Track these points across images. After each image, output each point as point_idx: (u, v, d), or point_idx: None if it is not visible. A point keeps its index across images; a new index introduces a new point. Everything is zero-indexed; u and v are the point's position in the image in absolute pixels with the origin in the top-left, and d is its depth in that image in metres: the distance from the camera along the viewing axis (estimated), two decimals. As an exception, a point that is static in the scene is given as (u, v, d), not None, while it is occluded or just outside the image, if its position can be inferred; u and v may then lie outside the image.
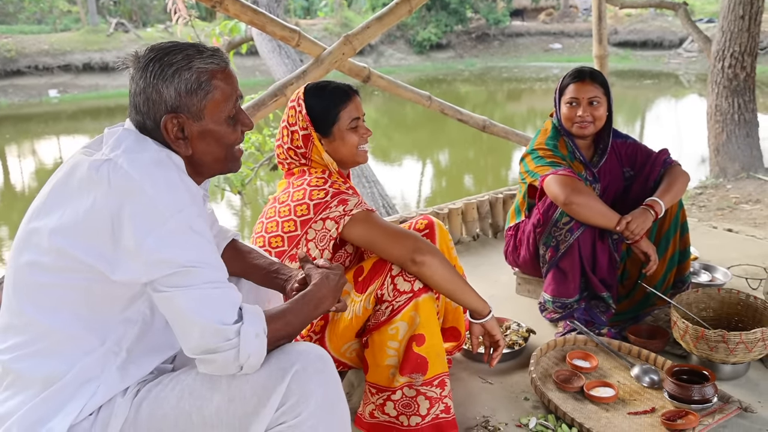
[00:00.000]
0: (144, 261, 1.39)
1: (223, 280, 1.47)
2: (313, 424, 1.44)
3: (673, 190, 2.80)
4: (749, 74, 7.50)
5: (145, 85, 1.51)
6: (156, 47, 1.54)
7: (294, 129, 2.26)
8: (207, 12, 21.51)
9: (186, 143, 1.54)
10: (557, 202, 2.71)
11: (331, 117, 2.24)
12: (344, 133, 2.25)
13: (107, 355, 1.51)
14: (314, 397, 1.45)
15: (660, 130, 14.50)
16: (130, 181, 1.40)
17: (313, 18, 29.29)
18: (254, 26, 3.49)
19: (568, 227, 2.73)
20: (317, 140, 2.23)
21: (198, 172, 1.62)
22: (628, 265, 2.97)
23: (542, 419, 2.32)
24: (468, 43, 28.92)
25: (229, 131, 1.59)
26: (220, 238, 1.95)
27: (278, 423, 1.44)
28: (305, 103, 2.25)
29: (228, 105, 1.57)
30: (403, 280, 2.10)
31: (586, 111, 2.85)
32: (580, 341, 2.75)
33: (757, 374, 2.57)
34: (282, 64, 6.60)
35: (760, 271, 3.40)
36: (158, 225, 1.38)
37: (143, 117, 1.53)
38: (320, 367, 1.49)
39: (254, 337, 1.43)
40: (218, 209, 8.91)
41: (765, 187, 6.81)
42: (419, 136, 15.15)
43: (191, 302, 1.40)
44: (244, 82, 11.98)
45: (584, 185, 2.74)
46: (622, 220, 2.67)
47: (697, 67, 22.10)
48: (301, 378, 1.45)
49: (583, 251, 2.74)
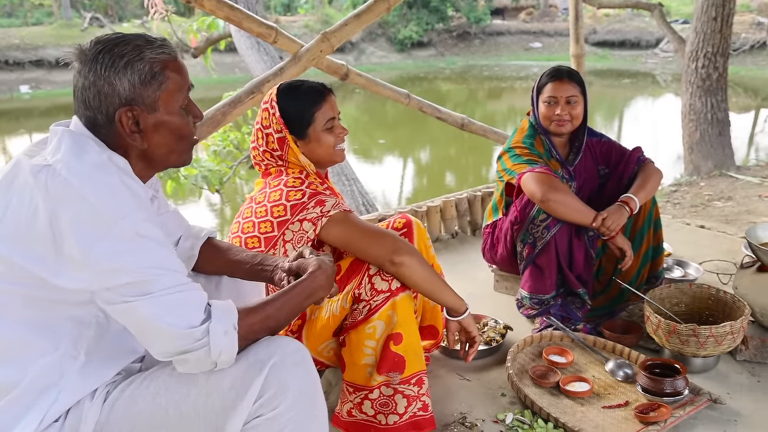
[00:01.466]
0: (92, 271, 1.35)
1: (183, 281, 1.43)
2: (291, 416, 1.44)
3: (646, 187, 2.85)
4: (721, 74, 7.61)
5: (96, 78, 1.45)
6: (102, 39, 1.49)
7: (268, 132, 2.25)
8: (185, 8, 21.36)
9: (141, 136, 1.51)
10: (534, 199, 2.74)
11: (306, 119, 2.22)
12: (320, 134, 2.24)
13: (64, 360, 1.48)
14: (292, 390, 1.45)
15: (637, 128, 14.62)
16: (69, 188, 1.36)
17: (294, 15, 29.19)
18: (230, 22, 3.47)
19: (544, 224, 2.77)
20: (292, 143, 2.22)
21: (151, 165, 1.58)
22: (604, 261, 3.01)
23: (519, 415, 2.35)
24: (449, 42, 28.96)
25: (183, 122, 1.56)
26: (194, 237, 1.92)
27: (256, 415, 1.44)
28: (278, 105, 2.23)
29: (181, 95, 1.55)
30: (381, 279, 2.10)
31: (564, 109, 2.89)
32: (557, 337, 2.79)
33: (726, 367, 2.62)
34: (261, 61, 6.58)
35: (730, 267, 3.45)
36: (102, 233, 1.34)
37: (94, 112, 1.48)
38: (298, 359, 1.49)
39: (223, 334, 1.41)
40: (197, 208, 8.88)
41: (736, 185, 6.90)
42: (400, 134, 15.15)
43: (154, 311, 1.37)
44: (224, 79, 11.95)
45: (561, 182, 2.78)
46: (598, 217, 2.71)
47: (673, 67, 22.31)
48: (279, 370, 1.44)
49: (559, 248, 2.78)
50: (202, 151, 6.13)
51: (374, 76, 4.34)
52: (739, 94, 17.46)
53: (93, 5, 27.09)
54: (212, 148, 6.02)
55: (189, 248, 1.90)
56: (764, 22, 22.27)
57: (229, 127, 6.01)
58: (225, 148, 6.11)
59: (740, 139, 10.47)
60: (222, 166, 6.02)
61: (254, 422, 1.44)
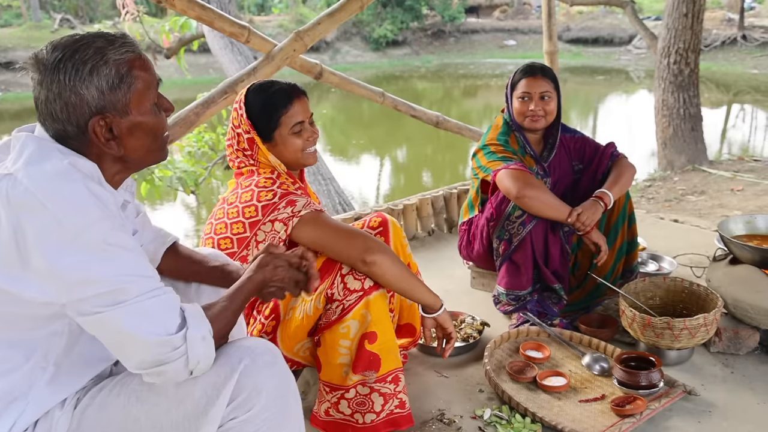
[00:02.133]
0: (61, 283, 1.31)
1: (157, 286, 1.38)
2: (266, 416, 1.44)
3: (620, 182, 2.87)
4: (693, 70, 7.69)
5: (61, 90, 1.38)
6: (60, 45, 1.40)
7: (239, 131, 2.25)
8: (157, 8, 21.19)
9: (117, 143, 1.44)
10: (509, 196, 2.75)
11: (272, 123, 2.21)
12: (286, 138, 2.22)
13: (34, 371, 1.45)
14: (265, 390, 1.43)
15: (612, 124, 14.75)
16: (31, 198, 1.30)
17: (268, 14, 29.06)
18: (202, 22, 3.45)
19: (520, 221, 2.78)
20: (260, 144, 2.22)
21: (127, 168, 1.53)
22: (579, 256, 3.03)
23: (496, 410, 2.36)
24: (424, 40, 28.98)
25: (157, 120, 1.51)
26: (159, 242, 1.89)
27: (230, 418, 1.43)
28: (246, 106, 2.23)
29: (151, 93, 1.49)
30: (354, 278, 2.10)
31: (538, 105, 2.90)
32: (533, 332, 2.80)
33: (700, 359, 2.65)
34: (235, 61, 6.53)
35: (703, 260, 3.49)
36: (67, 244, 1.30)
37: (63, 124, 1.41)
38: (269, 360, 1.47)
39: (201, 340, 1.38)
40: (172, 210, 8.81)
41: (709, 179, 6.99)
42: (376, 132, 15.14)
43: (129, 319, 1.32)
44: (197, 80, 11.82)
45: (536, 179, 2.79)
46: (573, 212, 2.73)
47: (646, 63, 22.51)
48: (251, 372, 1.43)
49: (535, 244, 2.79)
50: (177, 152, 6.08)
51: (350, 75, 4.34)
52: (711, 90, 17.66)
53: (63, 6, 26.76)
54: (187, 149, 5.97)
55: (152, 252, 1.86)
56: (734, 19, 22.53)
57: (204, 127, 5.98)
58: (200, 149, 6.07)
59: (713, 134, 10.60)
60: (197, 167, 5.98)
61: (229, 425, 1.43)
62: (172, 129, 3.36)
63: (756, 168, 7.30)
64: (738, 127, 13.92)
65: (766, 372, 2.56)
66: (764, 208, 5.64)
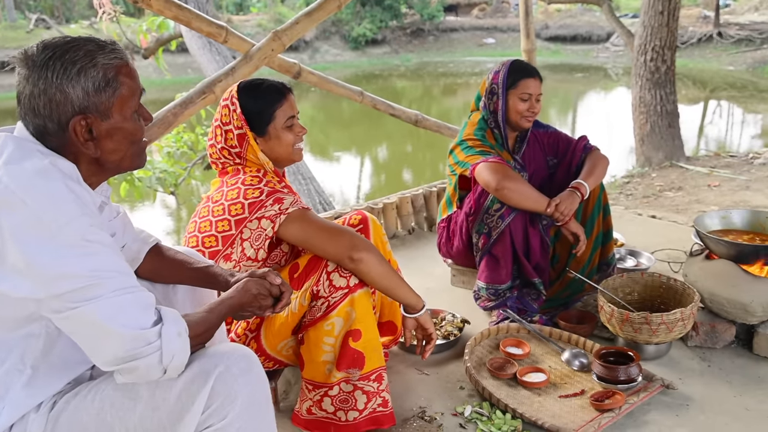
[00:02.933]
0: (38, 279, 1.31)
1: (133, 284, 1.40)
2: (240, 425, 1.43)
3: (595, 172, 2.93)
4: (669, 67, 7.77)
5: (46, 86, 1.40)
6: (51, 44, 1.43)
7: (228, 128, 2.24)
8: (134, 8, 21.02)
9: (95, 144, 1.46)
10: (489, 188, 2.77)
11: (267, 116, 2.22)
12: (280, 132, 2.24)
13: (10, 374, 1.45)
14: (240, 398, 1.43)
15: (590, 121, 14.85)
16: (10, 195, 1.32)
17: (246, 14, 28.94)
18: (179, 22, 3.43)
19: (499, 213, 2.80)
20: (252, 139, 2.22)
21: (103, 171, 1.54)
22: (558, 248, 3.06)
23: (477, 407, 2.37)
24: (403, 39, 28.98)
25: (136, 127, 1.53)
26: (142, 242, 1.89)
27: (205, 426, 1.42)
28: (239, 102, 2.23)
29: (134, 100, 1.51)
30: (339, 275, 2.10)
31: (534, 106, 2.98)
32: (513, 329, 2.82)
33: (678, 353, 2.68)
34: (213, 61, 6.50)
35: (681, 255, 3.53)
36: (45, 240, 1.31)
37: (44, 120, 1.42)
38: (245, 367, 1.47)
39: (177, 335, 1.39)
40: (152, 211, 8.76)
41: (686, 175, 7.06)
42: (356, 132, 15.14)
43: (104, 312, 1.33)
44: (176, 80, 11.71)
45: (514, 171, 2.82)
46: (551, 203, 2.76)
47: (624, 61, 22.67)
48: (226, 379, 1.43)
49: (515, 237, 2.81)
50: (156, 152, 6.05)
51: (329, 74, 4.34)
52: (687, 87, 17.84)
53: (39, 6, 26.46)
54: (166, 149, 5.94)
55: (135, 251, 1.86)
56: (710, 16, 22.76)
57: (183, 128, 5.94)
58: (179, 150, 6.03)
59: (690, 131, 10.72)
60: (176, 168, 5.95)
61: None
62: (150, 130, 3.34)
63: (732, 164, 7.38)
64: (714, 123, 14.08)
65: (742, 365, 2.60)
66: (740, 203, 5.71)
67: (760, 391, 2.43)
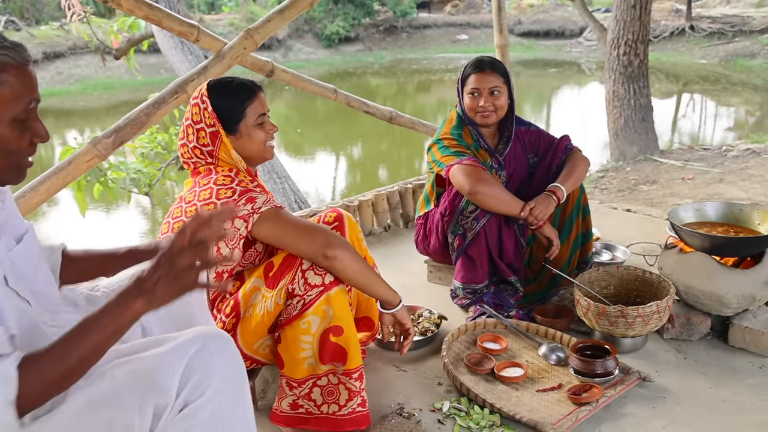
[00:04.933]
0: None
1: None
2: (220, 400, 1.41)
3: (573, 175, 2.90)
4: (642, 61, 7.84)
5: None
6: None
7: (200, 127, 2.22)
8: (105, 9, 20.80)
9: None
10: (462, 191, 2.76)
11: (238, 114, 2.21)
12: (251, 129, 2.23)
13: None
14: (217, 374, 1.41)
15: (565, 116, 14.94)
16: None
17: (218, 13, 28.72)
18: (150, 22, 3.39)
19: (474, 215, 2.80)
20: (225, 137, 2.20)
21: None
22: (535, 249, 3.05)
23: (455, 402, 2.37)
24: (376, 36, 28.97)
25: (12, 135, 1.37)
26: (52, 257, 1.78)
27: (184, 404, 1.39)
28: (209, 100, 2.21)
29: (16, 106, 1.37)
30: (314, 273, 2.10)
31: (488, 101, 2.90)
32: (490, 324, 2.82)
33: (654, 345, 2.70)
34: (185, 60, 6.45)
35: (656, 248, 3.55)
36: None
37: None
38: (221, 344, 1.45)
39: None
40: (126, 212, 8.68)
41: (661, 169, 7.12)
42: (331, 130, 15.11)
43: None
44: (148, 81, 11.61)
45: (488, 174, 2.80)
46: (526, 207, 2.75)
47: (597, 55, 22.84)
48: (203, 356, 1.41)
49: (489, 238, 2.81)
50: (130, 153, 5.98)
51: (303, 72, 4.31)
52: (661, 80, 18.01)
53: (7, 8, 26.07)
54: (139, 150, 5.88)
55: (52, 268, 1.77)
56: (682, 9, 22.97)
57: (156, 128, 5.88)
58: (152, 150, 5.97)
59: (663, 124, 10.82)
60: (150, 168, 5.89)
61: (185, 411, 1.39)
62: (123, 130, 3.31)
63: (706, 156, 7.47)
64: (688, 116, 14.24)
65: (718, 357, 2.62)
66: (714, 195, 5.77)
67: (736, 382, 2.45)
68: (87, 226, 7.58)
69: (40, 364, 1.29)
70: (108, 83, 19.33)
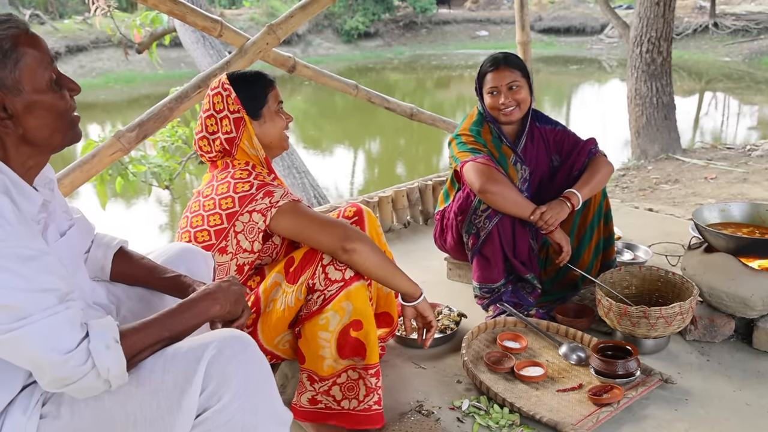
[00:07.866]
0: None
1: (54, 303, 1.32)
2: (239, 405, 1.41)
3: (593, 181, 2.83)
4: (665, 59, 7.75)
5: None
6: None
7: (222, 115, 2.23)
8: (128, 3, 20.93)
9: (14, 122, 1.39)
10: (473, 189, 2.75)
11: (261, 99, 2.25)
12: (273, 115, 2.28)
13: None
14: (235, 379, 1.41)
15: (585, 114, 14.84)
16: None
17: (239, 8, 28.78)
18: (174, 17, 3.41)
19: (486, 214, 2.78)
20: (249, 123, 2.23)
21: (37, 151, 1.47)
22: (551, 252, 3.01)
23: (474, 401, 2.36)
24: (396, 32, 28.90)
25: (56, 98, 1.44)
26: (105, 246, 1.84)
27: (203, 410, 1.41)
28: (232, 87, 2.24)
29: (45, 70, 1.42)
30: (335, 268, 2.09)
31: (508, 97, 2.86)
32: (510, 323, 2.81)
33: (676, 347, 2.67)
34: (207, 55, 6.46)
35: (678, 248, 3.52)
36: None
37: None
38: (238, 348, 1.45)
39: (105, 349, 1.34)
40: (147, 206, 8.73)
41: (683, 168, 7.06)
42: (350, 125, 15.11)
43: (28, 341, 1.28)
44: (169, 75, 11.67)
45: (501, 174, 2.76)
46: (537, 211, 2.72)
47: (618, 53, 22.67)
48: (219, 362, 1.41)
49: (503, 237, 2.79)
50: (151, 147, 6.03)
51: (322, 68, 4.31)
52: (683, 78, 17.84)
53: (33, 2, 26.31)
54: (160, 144, 5.91)
55: (101, 257, 1.82)
56: (706, 6, 22.74)
57: (177, 122, 5.91)
58: (173, 144, 6.00)
59: (686, 123, 10.73)
60: (171, 162, 5.92)
61: (203, 416, 1.41)
62: (146, 124, 3.33)
63: (729, 156, 7.39)
64: (710, 115, 14.09)
65: (742, 359, 2.59)
66: (738, 195, 5.71)
67: (760, 385, 2.42)
68: (106, 219, 7.63)
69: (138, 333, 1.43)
70: (129, 77, 19.48)
